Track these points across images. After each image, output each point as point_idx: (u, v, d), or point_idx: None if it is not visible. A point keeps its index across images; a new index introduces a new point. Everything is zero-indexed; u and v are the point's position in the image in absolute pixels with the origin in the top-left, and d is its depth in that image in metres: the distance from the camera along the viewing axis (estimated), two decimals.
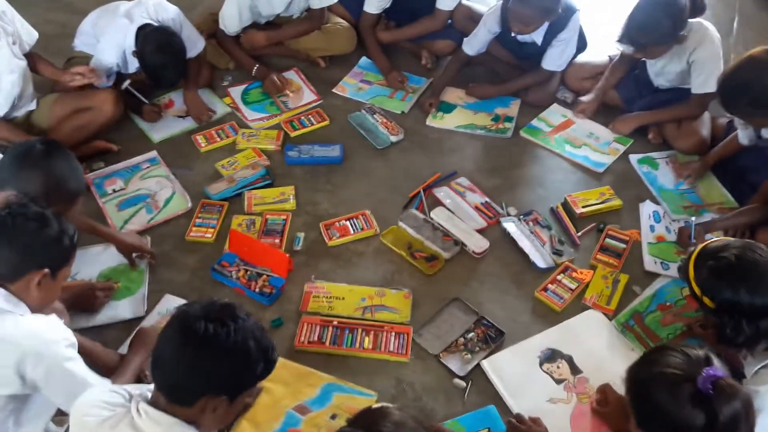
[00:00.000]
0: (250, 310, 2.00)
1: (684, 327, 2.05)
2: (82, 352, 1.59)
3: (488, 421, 1.83)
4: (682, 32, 2.44)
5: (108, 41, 2.60)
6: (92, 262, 2.22)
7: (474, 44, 2.84)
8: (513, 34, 2.69)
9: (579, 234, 2.36)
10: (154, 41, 2.52)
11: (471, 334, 2.04)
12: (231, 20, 2.93)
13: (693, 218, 2.29)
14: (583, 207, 2.44)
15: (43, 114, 2.53)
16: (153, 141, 2.71)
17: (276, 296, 2.14)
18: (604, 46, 2.98)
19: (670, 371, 1.29)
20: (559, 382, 1.94)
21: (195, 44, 2.79)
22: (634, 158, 2.66)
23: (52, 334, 1.51)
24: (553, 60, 2.77)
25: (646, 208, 2.45)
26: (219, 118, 2.84)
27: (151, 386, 1.32)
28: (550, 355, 2.00)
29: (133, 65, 2.67)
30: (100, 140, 2.62)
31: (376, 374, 1.96)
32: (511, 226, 2.35)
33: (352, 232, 2.35)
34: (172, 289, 2.16)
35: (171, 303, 2.11)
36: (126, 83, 2.69)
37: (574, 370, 1.97)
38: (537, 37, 2.74)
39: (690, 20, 2.45)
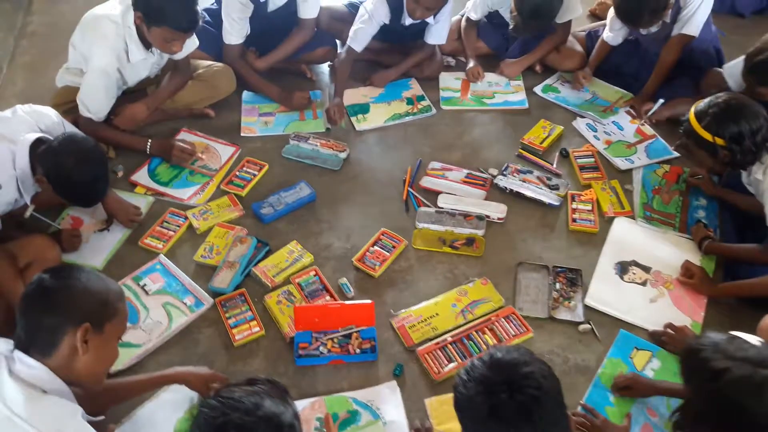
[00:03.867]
0: (358, 374, 1.88)
1: (680, 198, 2.46)
2: None
3: (631, 342, 2.00)
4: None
5: None
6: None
7: (362, 39, 2.82)
8: (405, 22, 2.75)
9: (554, 165, 2.61)
10: (70, 155, 1.99)
11: (558, 285, 2.17)
12: (98, 103, 2.48)
13: (659, 101, 2.72)
14: (540, 143, 2.69)
15: None
16: (97, 268, 2.21)
17: (376, 346, 1.99)
18: None
19: None
20: (644, 284, 2.19)
21: None
22: (538, 89, 2.98)
23: None
24: (439, 34, 2.90)
25: (580, 124, 2.80)
26: (148, 212, 2.42)
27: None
28: (621, 268, 2.23)
29: (29, 193, 2.12)
30: None
31: None
32: (507, 182, 2.50)
33: (387, 254, 2.26)
34: None
35: None
36: (30, 209, 2.13)
37: (645, 269, 2.23)
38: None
39: None
